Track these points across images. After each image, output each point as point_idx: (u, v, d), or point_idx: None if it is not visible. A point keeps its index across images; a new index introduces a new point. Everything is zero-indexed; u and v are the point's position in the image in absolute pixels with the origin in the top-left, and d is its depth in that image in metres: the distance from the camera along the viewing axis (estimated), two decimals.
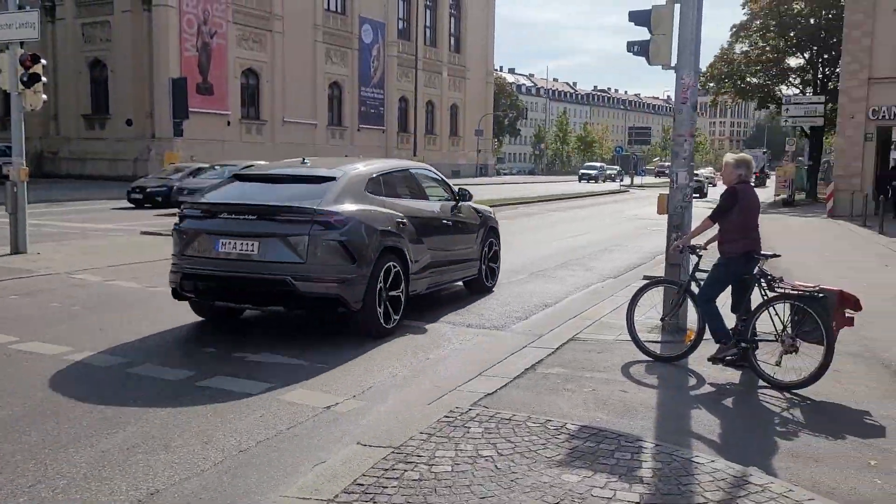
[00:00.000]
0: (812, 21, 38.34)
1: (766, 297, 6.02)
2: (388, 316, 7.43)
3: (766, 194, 45.84)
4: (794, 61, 40.81)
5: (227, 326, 7.74)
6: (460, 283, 9.81)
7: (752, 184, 6.44)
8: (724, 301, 6.40)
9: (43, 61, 13.07)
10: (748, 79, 40.78)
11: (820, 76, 39.39)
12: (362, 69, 54.67)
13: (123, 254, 12.90)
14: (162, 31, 40.00)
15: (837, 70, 36.18)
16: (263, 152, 40.53)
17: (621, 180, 65.32)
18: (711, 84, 40.73)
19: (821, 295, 5.78)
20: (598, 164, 72.42)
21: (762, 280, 6.11)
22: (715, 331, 6.30)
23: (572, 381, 5.83)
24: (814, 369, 5.68)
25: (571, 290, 10.57)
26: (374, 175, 7.87)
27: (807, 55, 39.46)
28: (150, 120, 41.06)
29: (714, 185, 62.93)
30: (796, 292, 5.86)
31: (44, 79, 12.94)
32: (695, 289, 6.52)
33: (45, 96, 13.10)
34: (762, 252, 6.25)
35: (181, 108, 32.16)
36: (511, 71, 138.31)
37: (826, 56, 38.68)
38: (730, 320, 6.40)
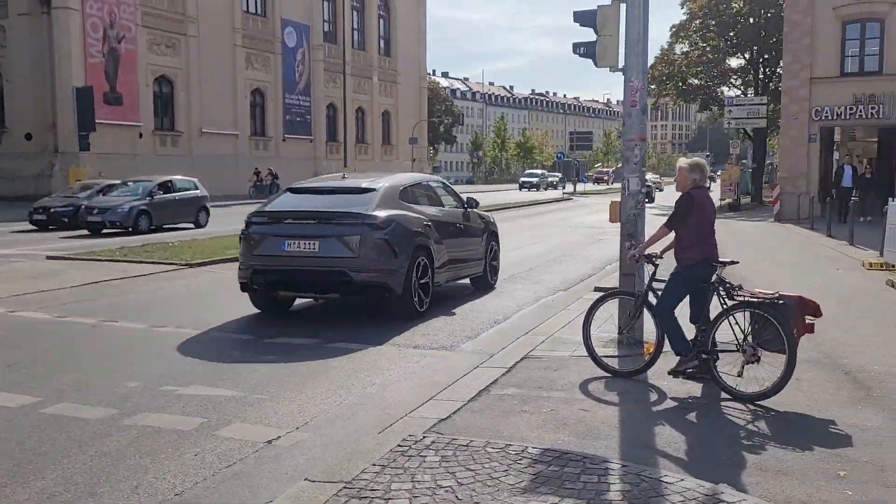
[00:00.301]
0: (751, 20, 39.86)
1: (725, 306, 6.11)
2: (420, 301, 9.77)
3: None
4: (734, 62, 42.34)
5: (152, 357, 7.55)
6: (467, 280, 11.89)
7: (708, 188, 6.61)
8: (682, 311, 6.51)
9: None
10: (689, 80, 42.01)
11: (761, 76, 40.92)
12: (286, 75, 54.06)
13: (28, 281, 12.44)
14: (63, 36, 38.88)
15: (779, 70, 37.64)
16: (180, 166, 39.69)
17: (563, 188, 66.12)
18: (653, 86, 41.91)
19: (781, 302, 5.89)
20: (538, 172, 73.21)
21: (721, 288, 6.20)
22: (674, 343, 6.40)
23: (530, 402, 5.84)
24: (776, 379, 5.81)
25: (521, 304, 10.64)
26: (404, 186, 10.43)
27: (747, 55, 40.96)
28: (52, 133, 39.78)
29: (661, 190, 64.14)
30: (756, 300, 5.96)
31: None
32: (652, 300, 6.61)
33: None
34: (720, 259, 6.35)
35: (87, 120, 31.25)
36: (445, 75, 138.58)
37: (766, 56, 40.27)
38: (689, 331, 6.51)
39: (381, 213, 9.44)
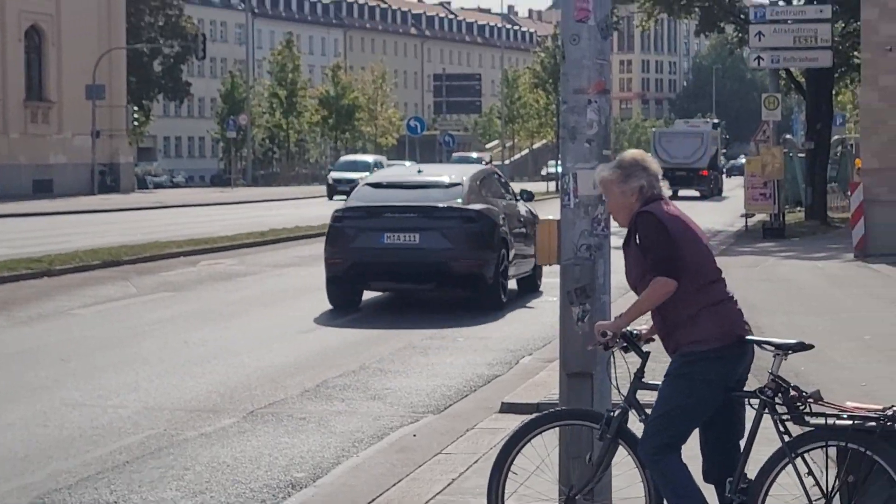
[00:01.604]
0: None
1: (786, 439, 6.39)
2: (504, 293, 19.78)
3: (725, 214, 48.14)
4: None
5: None
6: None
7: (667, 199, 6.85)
8: (694, 451, 6.63)
9: None
10: None
11: None
12: None
13: None
14: None
15: None
16: None
17: None
18: None
19: None
20: (369, 159, 73.11)
21: (777, 400, 6.43)
22: None
23: None
24: None
25: (346, 444, 10.89)
26: (480, 179, 20.80)
27: None
28: None
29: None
30: (848, 424, 6.25)
31: None
32: (636, 427, 6.77)
33: None
34: (768, 339, 6.69)
35: None
36: None
37: None
38: (709, 492, 6.63)
39: (475, 207, 19.18)
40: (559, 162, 57.61)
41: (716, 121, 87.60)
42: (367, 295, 21.56)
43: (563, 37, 7.98)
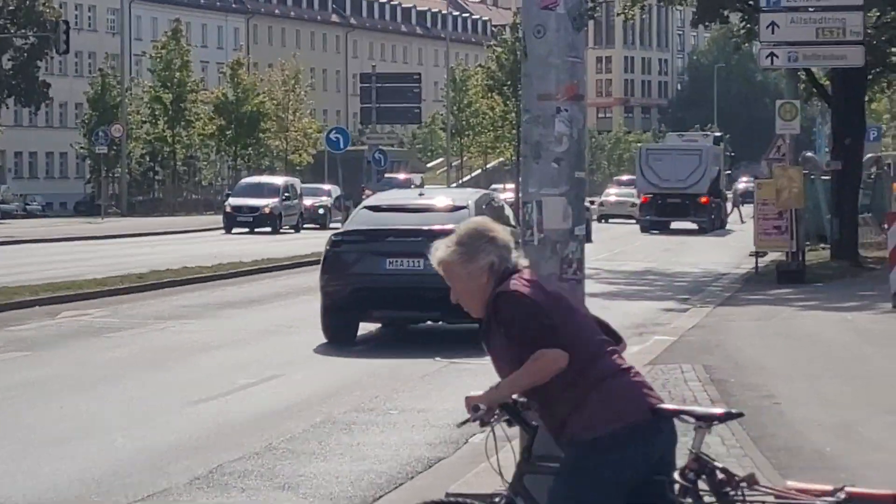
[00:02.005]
0: None
1: None
2: None
3: (730, 252, 49.41)
4: None
5: None
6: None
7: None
8: None
9: None
10: None
11: None
12: None
13: None
14: None
15: None
16: None
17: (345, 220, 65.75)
18: None
19: None
20: (278, 182, 74.91)
21: (698, 484, 6.64)
22: None
23: None
24: None
25: None
26: (485, 203, 26.10)
27: None
28: None
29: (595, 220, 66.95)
30: None
31: None
32: None
33: None
34: (687, 409, 7.01)
35: None
36: None
37: None
38: None
39: None
40: (506, 186, 60.93)
41: (718, 134, 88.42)
42: (282, 356, 22.24)
43: (524, 28, 8.06)
